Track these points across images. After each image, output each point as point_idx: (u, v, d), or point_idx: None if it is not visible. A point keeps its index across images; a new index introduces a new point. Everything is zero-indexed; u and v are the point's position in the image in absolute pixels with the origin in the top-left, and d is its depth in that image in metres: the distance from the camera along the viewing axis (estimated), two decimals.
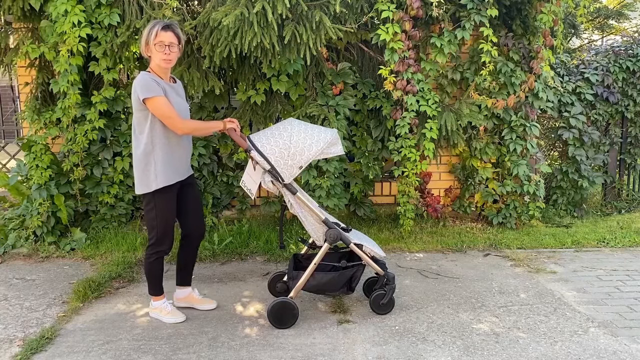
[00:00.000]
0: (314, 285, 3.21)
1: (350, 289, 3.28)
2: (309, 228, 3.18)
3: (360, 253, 3.21)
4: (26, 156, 4.55)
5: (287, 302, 3.13)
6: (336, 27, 4.10)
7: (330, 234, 3.15)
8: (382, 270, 3.29)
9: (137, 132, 3.02)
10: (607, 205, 6.02)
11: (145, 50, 3.01)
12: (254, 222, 5.01)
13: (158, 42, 2.94)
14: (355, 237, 3.26)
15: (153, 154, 2.99)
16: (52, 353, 2.87)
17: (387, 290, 3.28)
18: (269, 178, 3.06)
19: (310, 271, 3.15)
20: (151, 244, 3.13)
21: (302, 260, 3.40)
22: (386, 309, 3.32)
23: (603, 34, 9.02)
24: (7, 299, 3.60)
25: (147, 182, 3.01)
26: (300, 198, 3.11)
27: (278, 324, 3.13)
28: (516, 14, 4.87)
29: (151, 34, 2.95)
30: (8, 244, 4.50)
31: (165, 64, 2.99)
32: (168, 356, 2.83)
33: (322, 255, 3.17)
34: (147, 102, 2.89)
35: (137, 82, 2.93)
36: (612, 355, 2.83)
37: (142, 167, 3.00)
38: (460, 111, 4.81)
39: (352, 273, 3.25)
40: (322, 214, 3.18)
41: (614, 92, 5.66)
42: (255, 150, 3.03)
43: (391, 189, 5.51)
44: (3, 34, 4.71)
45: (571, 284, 3.87)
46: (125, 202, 4.88)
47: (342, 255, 3.43)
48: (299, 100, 4.78)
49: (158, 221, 3.07)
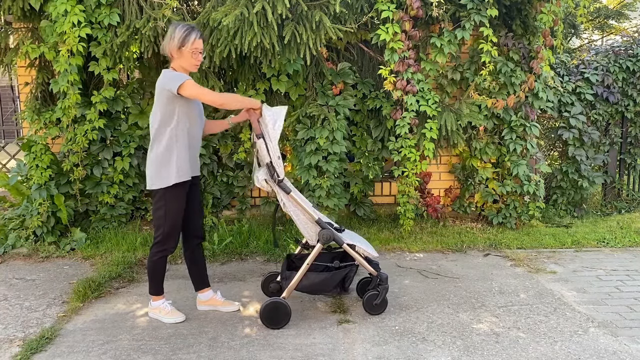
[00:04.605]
0: (307, 286, 3.20)
1: (343, 289, 3.28)
2: (301, 228, 3.17)
3: (353, 253, 3.21)
4: (26, 156, 4.55)
5: (279, 302, 3.12)
6: (336, 27, 4.10)
7: (323, 234, 3.14)
8: (375, 271, 3.28)
9: (160, 127, 3.02)
10: (607, 205, 6.02)
11: (174, 51, 3.03)
12: (254, 222, 5.01)
13: (194, 48, 3.01)
14: (348, 237, 3.25)
15: (176, 148, 3.02)
16: (52, 353, 2.87)
17: (380, 290, 3.27)
18: (262, 176, 3.03)
19: (303, 271, 3.14)
20: (157, 242, 3.13)
21: (296, 260, 3.39)
22: (379, 309, 3.31)
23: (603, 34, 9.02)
24: (7, 299, 3.60)
25: (167, 176, 3.02)
26: (293, 197, 3.09)
27: (271, 324, 3.13)
28: (516, 14, 4.87)
29: (188, 40, 2.99)
30: (8, 244, 4.49)
31: (195, 68, 3.09)
32: (168, 356, 2.83)
33: (315, 255, 3.16)
34: (180, 89, 2.90)
35: (164, 78, 2.98)
36: (612, 355, 2.83)
37: (162, 161, 3.02)
38: (460, 111, 4.81)
39: (345, 273, 3.25)
40: (315, 213, 3.17)
41: (614, 92, 5.66)
42: (264, 140, 3.00)
43: (391, 189, 5.51)
44: (3, 34, 4.71)
45: (571, 284, 3.87)
46: (125, 202, 4.88)
47: (335, 255, 3.43)
48: (299, 100, 4.78)
49: (166, 219, 3.08)
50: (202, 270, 3.39)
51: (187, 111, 3.03)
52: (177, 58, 3.04)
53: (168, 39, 3.02)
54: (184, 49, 3.00)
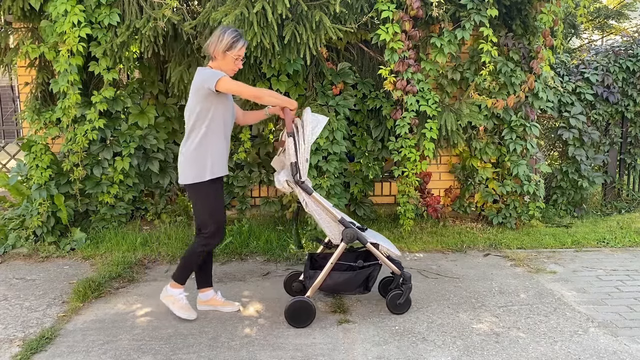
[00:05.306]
0: (331, 285, 3.21)
1: (366, 288, 3.27)
2: (325, 227, 3.17)
3: (377, 252, 3.20)
4: (26, 156, 4.55)
5: (305, 301, 3.13)
6: (336, 27, 4.10)
7: (347, 233, 3.14)
8: (398, 270, 3.28)
9: (195, 123, 3.05)
10: (607, 205, 6.02)
11: (219, 53, 3.06)
12: (254, 222, 5.01)
13: (238, 55, 3.08)
14: (371, 236, 3.25)
15: (211, 144, 3.07)
16: (52, 353, 2.87)
17: (404, 289, 3.27)
18: (284, 177, 3.04)
19: (327, 270, 3.15)
20: (206, 236, 3.14)
21: (318, 259, 3.40)
22: (403, 308, 3.31)
23: (603, 34, 9.01)
24: (7, 299, 3.60)
25: (201, 171, 3.05)
26: (315, 197, 3.10)
27: (295, 323, 3.13)
28: (516, 14, 4.87)
29: (236, 46, 3.05)
30: (8, 244, 4.50)
31: (232, 73, 3.14)
32: (168, 356, 2.83)
33: (339, 254, 3.16)
34: (218, 85, 2.94)
35: (202, 75, 3.02)
36: (612, 355, 2.83)
37: (197, 157, 3.05)
38: (460, 111, 4.81)
39: (369, 273, 3.24)
40: (337, 213, 3.18)
41: (614, 92, 5.66)
42: (294, 139, 3.01)
43: (391, 189, 5.51)
44: (3, 34, 4.71)
45: (571, 284, 3.87)
46: (125, 202, 4.88)
47: (357, 254, 3.43)
48: (299, 100, 4.77)
49: (210, 215, 3.11)
50: (208, 269, 3.40)
51: (222, 108, 3.08)
52: (219, 60, 3.08)
53: (216, 40, 3.06)
54: (229, 53, 3.05)
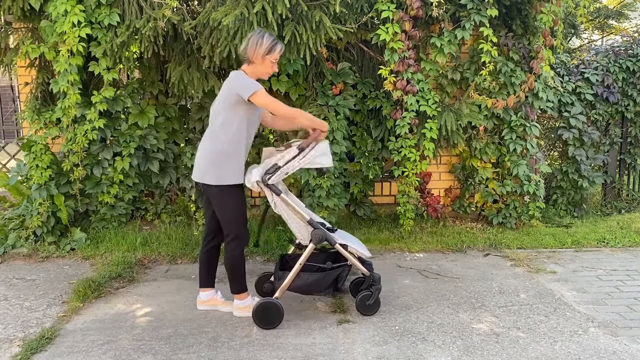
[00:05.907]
0: (300, 286, 3.21)
1: (336, 289, 3.29)
2: (293, 228, 3.19)
3: (346, 253, 3.22)
4: (26, 156, 4.55)
5: (272, 302, 3.13)
6: (336, 27, 4.10)
7: (315, 235, 3.15)
8: (367, 271, 3.29)
9: (222, 126, 3.06)
10: (607, 205, 6.02)
11: (258, 57, 3.07)
12: (254, 222, 5.01)
13: (275, 59, 3.11)
14: (340, 237, 3.26)
15: (235, 150, 3.08)
16: (52, 353, 2.87)
17: (373, 291, 3.28)
18: (254, 178, 3.03)
19: (296, 271, 3.15)
20: (233, 238, 3.15)
21: (289, 260, 3.40)
22: (372, 309, 3.31)
23: (603, 34, 9.01)
24: (7, 299, 3.60)
25: (222, 175, 3.06)
26: (283, 198, 3.10)
27: (263, 325, 3.13)
28: (516, 14, 4.86)
29: (274, 50, 3.08)
30: (8, 244, 4.49)
31: (267, 77, 3.20)
32: (168, 356, 2.83)
33: (307, 255, 3.17)
34: (253, 97, 2.96)
35: (236, 81, 3.04)
36: (612, 355, 2.83)
37: (219, 160, 3.07)
38: (460, 111, 4.81)
39: (338, 274, 3.26)
40: (307, 214, 3.18)
41: (614, 92, 5.66)
42: (299, 153, 3.04)
43: (391, 189, 5.51)
44: (3, 34, 4.71)
45: (571, 284, 3.87)
46: (125, 202, 4.87)
47: (329, 255, 3.43)
48: (299, 100, 4.78)
49: (234, 215, 3.13)
50: (213, 269, 3.40)
51: (249, 115, 3.10)
52: (257, 64, 3.09)
53: (254, 44, 3.06)
54: (269, 57, 3.08)
